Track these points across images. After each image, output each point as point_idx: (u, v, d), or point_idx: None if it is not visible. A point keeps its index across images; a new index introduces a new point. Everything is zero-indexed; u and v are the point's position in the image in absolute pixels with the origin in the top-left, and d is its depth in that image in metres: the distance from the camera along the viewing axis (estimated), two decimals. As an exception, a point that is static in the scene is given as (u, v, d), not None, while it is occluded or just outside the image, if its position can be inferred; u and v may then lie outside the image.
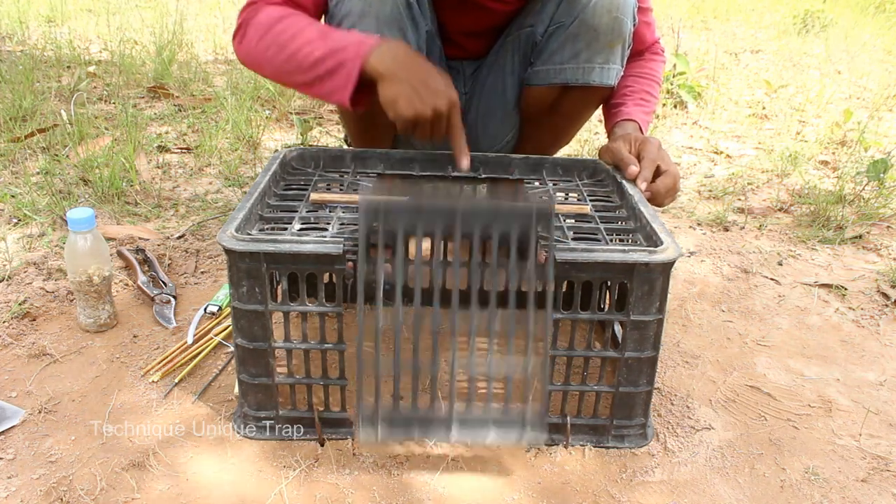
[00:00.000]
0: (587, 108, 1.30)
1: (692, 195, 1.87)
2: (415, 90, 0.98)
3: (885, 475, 0.95)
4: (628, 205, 1.03)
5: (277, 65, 1.05)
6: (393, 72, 0.98)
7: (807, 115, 2.62)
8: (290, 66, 1.03)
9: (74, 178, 1.72)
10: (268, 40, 1.05)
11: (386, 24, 1.09)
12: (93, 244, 1.12)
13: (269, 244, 0.84)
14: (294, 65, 1.03)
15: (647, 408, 0.96)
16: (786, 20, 4.62)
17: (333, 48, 1.00)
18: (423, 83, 0.98)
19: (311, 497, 0.86)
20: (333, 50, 1.00)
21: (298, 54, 1.02)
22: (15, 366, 1.07)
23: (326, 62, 1.00)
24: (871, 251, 1.60)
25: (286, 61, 1.03)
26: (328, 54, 1.00)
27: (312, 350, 0.91)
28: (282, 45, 1.03)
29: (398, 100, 0.98)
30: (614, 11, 1.12)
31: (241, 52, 1.11)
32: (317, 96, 1.06)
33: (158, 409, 1.00)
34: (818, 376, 1.15)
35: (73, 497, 0.84)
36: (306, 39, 1.02)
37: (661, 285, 0.87)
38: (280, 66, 1.05)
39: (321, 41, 1.01)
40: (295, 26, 1.04)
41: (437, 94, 0.98)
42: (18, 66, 2.48)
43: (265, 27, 1.05)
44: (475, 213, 0.84)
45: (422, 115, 0.98)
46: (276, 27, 1.04)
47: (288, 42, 1.03)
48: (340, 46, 1.00)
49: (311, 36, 1.02)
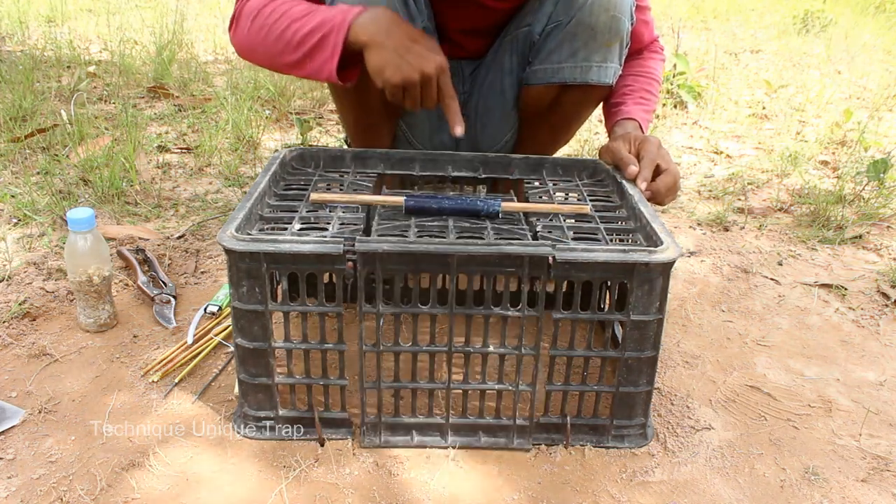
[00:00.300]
0: (586, 108, 1.30)
1: (692, 195, 1.87)
2: (400, 56, 0.97)
3: (885, 475, 0.95)
4: (628, 205, 1.03)
5: (268, 46, 1.05)
6: (377, 39, 0.97)
7: (807, 115, 2.62)
8: (279, 46, 1.03)
9: (74, 178, 1.72)
10: (258, 23, 1.05)
11: None
12: (93, 244, 1.12)
13: (269, 244, 0.84)
14: (283, 44, 1.03)
15: (647, 408, 0.96)
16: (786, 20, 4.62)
17: (319, 23, 1.00)
18: (409, 48, 0.97)
19: (311, 497, 0.86)
20: (319, 24, 1.00)
21: (286, 33, 1.02)
22: (15, 366, 1.07)
23: (313, 37, 1.00)
24: (871, 251, 1.60)
25: (275, 42, 1.03)
26: (314, 29, 1.00)
27: (312, 350, 0.91)
28: (270, 26, 1.03)
29: (385, 67, 0.97)
30: (612, 10, 1.12)
31: (235, 41, 1.11)
32: (307, 75, 1.05)
33: (158, 409, 1.00)
34: (818, 376, 1.15)
35: (73, 497, 0.84)
36: (293, 17, 1.02)
37: (661, 285, 0.87)
38: (270, 48, 1.05)
39: (307, 18, 1.01)
40: (283, 7, 1.04)
41: (424, 58, 0.97)
42: (18, 66, 2.48)
43: (255, 11, 1.05)
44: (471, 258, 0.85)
45: (410, 80, 0.97)
46: (265, 10, 1.04)
47: (276, 23, 1.03)
48: (325, 19, 0.99)
49: (298, 14, 1.02)
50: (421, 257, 0.85)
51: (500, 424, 0.94)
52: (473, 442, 0.95)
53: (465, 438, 0.95)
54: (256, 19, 1.05)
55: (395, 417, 0.94)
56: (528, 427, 0.94)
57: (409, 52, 0.97)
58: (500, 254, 0.84)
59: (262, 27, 1.04)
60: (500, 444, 0.95)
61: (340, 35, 0.98)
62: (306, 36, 1.00)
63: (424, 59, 0.98)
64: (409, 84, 0.98)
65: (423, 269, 0.86)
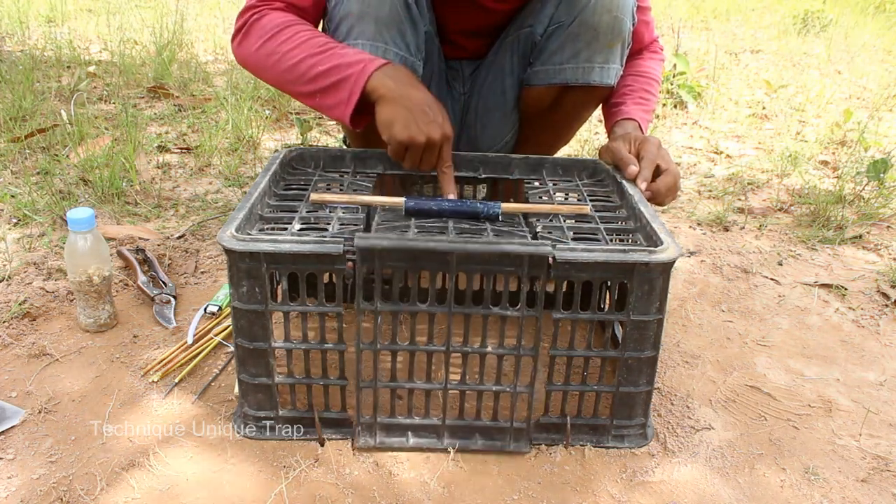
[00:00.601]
0: (587, 108, 1.30)
1: (692, 195, 1.87)
2: (412, 115, 0.99)
3: (885, 475, 0.95)
4: (628, 205, 1.03)
5: (279, 73, 1.06)
6: (394, 94, 0.99)
7: (807, 115, 2.62)
8: (291, 75, 1.04)
9: (74, 178, 1.72)
10: (269, 48, 1.05)
11: (385, 25, 1.09)
12: (93, 244, 1.12)
13: (269, 244, 0.84)
14: (296, 75, 1.04)
15: (647, 408, 0.96)
16: (786, 20, 4.62)
17: (338, 64, 1.01)
18: (422, 111, 1.00)
19: (311, 497, 0.86)
20: (338, 66, 1.01)
21: (301, 66, 1.03)
22: (15, 366, 1.07)
23: (330, 76, 1.01)
24: (871, 251, 1.60)
25: (288, 70, 1.04)
26: (331, 69, 1.01)
27: (312, 350, 0.91)
28: (284, 53, 1.04)
29: (395, 122, 0.99)
30: (614, 11, 1.12)
31: (239, 54, 1.11)
32: (316, 107, 1.06)
33: (158, 409, 1.00)
34: (818, 376, 1.15)
35: (73, 497, 0.84)
36: (310, 51, 1.03)
37: (661, 285, 0.87)
38: (281, 75, 1.06)
39: (325, 55, 1.02)
40: (299, 36, 1.04)
41: (433, 124, 1.00)
42: (18, 66, 2.48)
43: (267, 34, 1.06)
44: (470, 257, 0.85)
45: (415, 141, 1.00)
46: (279, 35, 1.05)
47: (291, 52, 1.04)
48: (345, 63, 1.01)
49: (315, 49, 1.03)
50: (420, 254, 0.84)
51: (497, 426, 0.94)
52: (470, 444, 0.94)
53: (462, 441, 0.95)
54: (268, 43, 1.05)
55: (390, 418, 0.94)
56: (525, 430, 0.94)
57: (421, 115, 0.99)
58: (500, 253, 0.84)
59: (274, 52, 1.05)
60: (496, 447, 0.94)
61: (359, 84, 1.00)
62: (323, 74, 1.01)
63: (433, 125, 1.00)
64: (413, 144, 1.00)
65: (422, 266, 0.86)
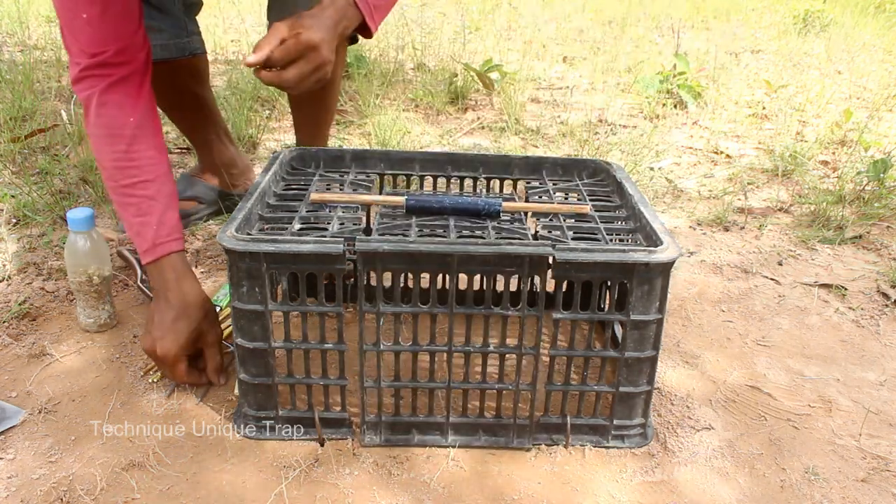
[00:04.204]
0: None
1: (692, 195, 1.87)
2: (160, 325, 1.00)
3: (885, 475, 0.95)
4: (628, 205, 1.03)
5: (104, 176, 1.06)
6: (157, 294, 1.03)
7: (807, 115, 2.62)
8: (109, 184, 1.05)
9: (74, 178, 1.72)
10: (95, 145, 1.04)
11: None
12: (93, 244, 1.12)
13: (269, 244, 0.84)
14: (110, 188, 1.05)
15: (647, 408, 0.96)
16: (786, 20, 4.62)
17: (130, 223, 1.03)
18: (168, 324, 1.00)
19: (311, 497, 0.86)
20: (130, 224, 1.03)
21: (112, 192, 1.05)
22: (15, 366, 1.07)
23: (130, 225, 1.03)
24: (871, 251, 1.60)
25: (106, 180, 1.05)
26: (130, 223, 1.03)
27: (312, 350, 0.91)
28: (103, 167, 1.05)
29: (147, 324, 1.03)
30: None
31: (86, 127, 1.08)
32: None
33: (158, 409, 1.00)
34: (818, 376, 1.15)
35: (73, 497, 0.84)
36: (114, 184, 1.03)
37: (661, 285, 0.87)
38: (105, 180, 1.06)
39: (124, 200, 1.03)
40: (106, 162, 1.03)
41: (169, 342, 0.99)
42: (18, 66, 2.48)
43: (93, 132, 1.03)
44: (471, 258, 0.85)
45: (149, 352, 1.01)
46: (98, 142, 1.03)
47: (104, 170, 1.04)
48: (133, 233, 1.03)
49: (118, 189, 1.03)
50: (421, 257, 0.85)
51: (500, 423, 0.94)
52: (473, 441, 0.95)
53: (465, 437, 0.95)
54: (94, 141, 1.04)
55: (395, 416, 0.94)
56: (528, 426, 0.94)
57: (164, 329, 1.00)
58: (501, 253, 0.84)
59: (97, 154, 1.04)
60: (500, 444, 0.95)
61: (144, 259, 1.03)
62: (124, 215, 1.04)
63: (169, 343, 0.99)
64: (148, 354, 1.02)
65: (423, 268, 0.86)
